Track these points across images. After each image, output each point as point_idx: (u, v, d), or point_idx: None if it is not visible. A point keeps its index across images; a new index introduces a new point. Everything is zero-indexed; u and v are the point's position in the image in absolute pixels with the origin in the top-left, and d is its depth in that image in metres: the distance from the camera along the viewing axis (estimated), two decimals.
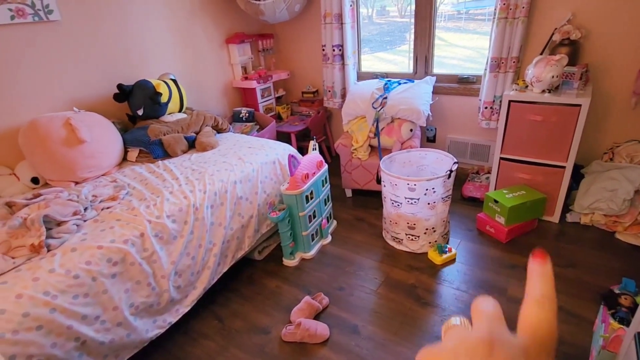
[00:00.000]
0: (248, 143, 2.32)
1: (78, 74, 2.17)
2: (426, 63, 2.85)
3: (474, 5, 2.93)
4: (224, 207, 1.85)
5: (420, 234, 2.08)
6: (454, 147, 2.95)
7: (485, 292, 1.81)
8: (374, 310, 1.78)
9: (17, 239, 1.36)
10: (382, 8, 3.40)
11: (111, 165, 2.09)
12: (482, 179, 2.69)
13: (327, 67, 3.06)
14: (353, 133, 2.65)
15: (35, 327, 1.21)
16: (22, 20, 1.89)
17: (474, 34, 2.96)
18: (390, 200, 2.09)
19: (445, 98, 2.85)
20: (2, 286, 1.22)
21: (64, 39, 2.08)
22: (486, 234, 2.25)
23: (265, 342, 1.66)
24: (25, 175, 1.92)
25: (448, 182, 1.99)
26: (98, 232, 1.49)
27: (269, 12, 2.79)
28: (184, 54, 2.76)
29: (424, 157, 2.32)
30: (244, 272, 2.10)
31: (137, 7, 2.40)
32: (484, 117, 2.56)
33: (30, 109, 2.00)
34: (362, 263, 2.10)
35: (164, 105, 2.31)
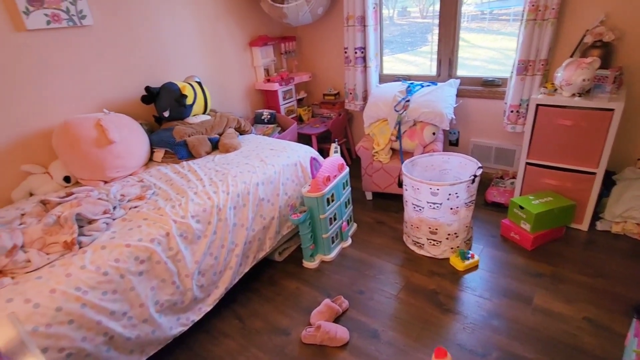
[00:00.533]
0: (270, 145, 2.34)
1: (108, 77, 2.25)
2: (450, 66, 2.81)
3: (498, 6, 2.87)
4: (246, 208, 1.88)
5: (442, 239, 2.05)
6: (477, 151, 2.89)
7: (509, 301, 1.77)
8: (394, 315, 1.76)
9: (51, 235, 1.42)
10: (403, 9, 3.37)
11: (138, 165, 2.15)
12: (506, 184, 2.63)
13: (349, 70, 3.06)
14: (374, 136, 2.63)
15: (67, 321, 1.25)
16: (57, 25, 1.97)
17: (498, 35, 2.90)
18: (411, 204, 2.07)
19: (468, 101, 2.80)
20: (37, 281, 1.28)
21: (96, 43, 2.16)
22: (511, 240, 2.20)
23: (285, 344, 1.67)
24: (58, 174, 2.00)
25: (472, 187, 1.95)
26: (126, 231, 1.54)
27: (292, 15, 2.81)
28: (209, 57, 2.82)
29: (447, 161, 2.28)
30: (264, 273, 2.12)
31: (165, 12, 2.47)
32: (510, 120, 2.50)
33: (63, 111, 2.08)
34: (382, 267, 2.09)
35: (189, 107, 2.36)
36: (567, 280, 1.87)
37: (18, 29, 1.85)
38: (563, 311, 1.69)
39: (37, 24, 1.89)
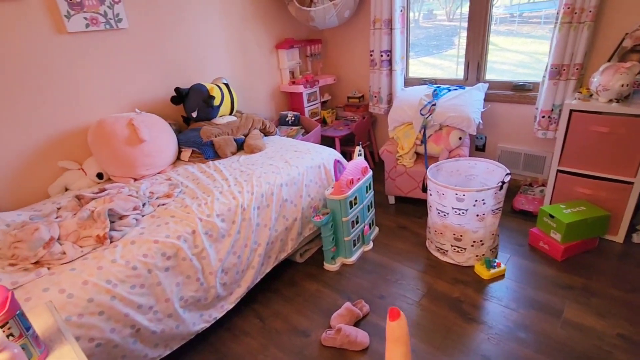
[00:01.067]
0: (294, 147, 2.36)
1: (141, 78, 2.33)
2: (478, 69, 2.75)
3: (528, 8, 2.79)
4: (269, 209, 1.90)
5: (467, 246, 2.01)
6: (505, 156, 2.81)
7: (537, 313, 1.71)
8: (416, 322, 1.73)
9: (85, 229, 1.48)
10: (429, 12, 3.33)
11: (166, 164, 2.21)
12: (535, 192, 2.54)
13: (374, 73, 3.05)
14: (399, 139, 2.61)
15: (98, 312, 1.30)
16: (95, 28, 2.06)
17: (528, 38, 2.82)
18: (436, 209, 2.03)
19: (497, 105, 2.73)
20: (71, 272, 1.33)
21: (130, 45, 2.24)
22: (539, 250, 2.12)
23: (305, 345, 1.67)
24: (92, 170, 2.08)
25: (499, 194, 1.90)
26: (154, 227, 1.59)
27: (319, 18, 2.83)
28: (236, 59, 2.87)
29: (474, 166, 2.23)
30: (285, 274, 2.14)
31: (196, 16, 2.54)
32: (541, 126, 2.42)
33: (98, 110, 2.17)
34: (404, 272, 2.06)
35: (216, 108, 2.41)
36: (600, 293, 1.79)
37: (60, 32, 1.94)
38: (595, 326, 1.62)
39: (77, 27, 1.98)
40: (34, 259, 1.33)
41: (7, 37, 1.79)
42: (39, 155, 1.98)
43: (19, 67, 1.84)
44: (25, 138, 1.92)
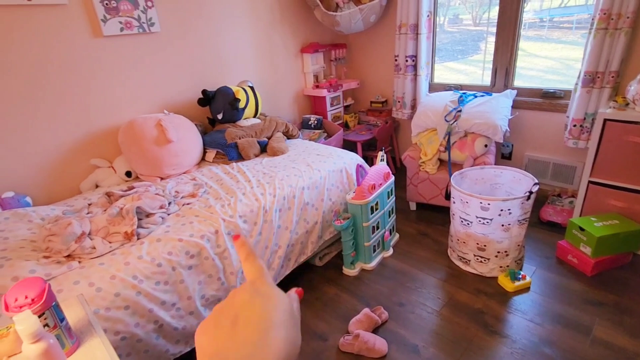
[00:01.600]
0: (317, 150, 2.37)
1: (170, 80, 2.40)
2: (506, 75, 2.69)
3: (560, 13, 2.71)
4: (291, 211, 1.91)
5: (491, 256, 1.96)
6: (532, 165, 2.73)
7: (564, 329, 1.64)
8: (435, 332, 1.70)
9: (114, 225, 1.54)
10: (455, 16, 3.28)
11: (191, 164, 2.26)
12: (564, 203, 2.45)
13: (398, 78, 3.03)
14: (422, 145, 2.58)
15: (124, 306, 1.35)
16: (129, 31, 2.14)
17: (558, 44, 2.73)
18: (459, 217, 1.99)
19: (525, 113, 2.66)
20: (100, 267, 1.38)
21: (161, 48, 2.31)
22: (568, 264, 2.04)
23: (322, 349, 1.67)
24: (121, 169, 2.16)
25: (527, 204, 1.84)
26: (179, 226, 1.62)
27: (345, 23, 2.83)
28: (262, 63, 2.92)
29: (499, 175, 2.18)
30: (304, 277, 2.14)
31: (225, 20, 2.60)
32: (572, 135, 2.34)
33: (129, 110, 2.25)
34: (425, 280, 2.03)
35: (241, 110, 2.45)
36: (633, 312, 1.70)
37: (96, 35, 2.03)
38: (627, 346, 1.54)
39: (112, 30, 2.06)
40: (66, 252, 1.39)
41: (50, 40, 1.88)
42: (73, 153, 2.07)
43: (58, 69, 1.93)
44: (61, 136, 2.01)
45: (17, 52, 1.80)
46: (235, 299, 0.32)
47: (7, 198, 1.79)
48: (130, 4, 2.09)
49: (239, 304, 0.32)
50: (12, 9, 1.75)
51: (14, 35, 1.78)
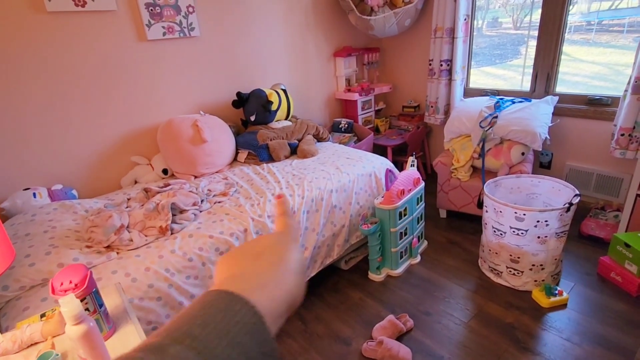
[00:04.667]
0: (346, 154, 2.37)
1: (207, 82, 2.49)
2: (548, 81, 2.57)
3: (609, 16, 2.56)
4: (318, 213, 1.92)
5: (525, 269, 1.87)
6: (574, 176, 2.59)
7: (605, 351, 1.54)
8: (462, 344, 1.65)
9: (150, 220, 1.61)
10: (493, 20, 3.18)
11: (224, 164, 2.33)
12: (608, 217, 2.31)
13: (432, 82, 2.98)
14: (454, 152, 2.51)
15: (156, 297, 1.41)
16: (170, 36, 2.24)
17: (607, 48, 2.58)
18: (492, 227, 1.93)
19: (567, 120, 2.53)
20: (136, 258, 1.45)
21: (200, 52, 2.41)
22: (610, 282, 1.92)
23: (345, 353, 1.66)
24: (159, 166, 2.26)
25: (566, 216, 1.75)
26: (210, 223, 1.68)
27: (379, 27, 2.83)
28: (295, 66, 2.97)
29: (537, 184, 2.08)
30: (329, 280, 2.15)
31: (261, 24, 2.66)
32: (619, 145, 2.20)
33: (168, 110, 2.36)
34: (453, 290, 1.97)
35: (274, 112, 2.50)
36: None
37: (140, 39, 2.15)
38: None
39: (156, 34, 2.17)
40: (106, 243, 1.48)
41: (99, 43, 2.01)
42: (115, 150, 2.19)
43: (105, 70, 2.06)
44: (105, 133, 2.14)
45: (69, 54, 1.94)
46: (261, 240, 0.36)
47: (56, 190, 1.93)
48: (173, 10, 2.20)
49: (264, 244, 0.36)
50: (68, 15, 1.89)
51: (68, 38, 1.92)
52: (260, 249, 0.35)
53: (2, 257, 0.57)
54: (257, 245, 0.36)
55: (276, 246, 0.36)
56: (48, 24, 1.85)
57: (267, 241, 0.36)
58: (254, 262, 0.33)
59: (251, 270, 0.32)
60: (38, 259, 1.37)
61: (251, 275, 0.31)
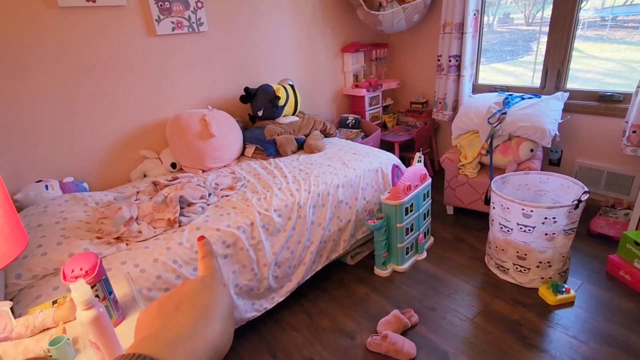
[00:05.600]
0: (353, 149, 2.37)
1: (215, 77, 2.51)
2: (558, 77, 2.54)
3: (624, 11, 2.51)
4: (324, 208, 1.93)
5: (532, 266, 1.86)
6: (583, 173, 2.56)
7: (612, 350, 1.53)
8: (468, 340, 1.65)
9: (158, 212, 1.64)
10: (505, 15, 3.14)
11: (231, 158, 2.35)
12: (618, 215, 2.28)
13: (440, 78, 2.95)
14: (462, 148, 2.50)
15: (164, 288, 1.43)
16: (179, 31, 2.26)
17: (621, 44, 2.53)
18: (499, 224, 1.92)
19: (578, 117, 2.49)
20: (144, 250, 1.48)
21: (208, 47, 2.42)
22: (619, 280, 1.90)
23: (350, 347, 1.67)
24: (167, 160, 2.29)
25: (574, 214, 1.74)
26: (217, 217, 1.70)
27: (387, 22, 2.81)
28: (303, 62, 2.97)
29: (545, 181, 2.07)
30: (334, 274, 2.16)
31: (269, 20, 2.67)
32: (631, 142, 2.16)
33: (176, 105, 2.38)
34: (459, 286, 1.97)
35: (281, 108, 2.51)
36: None
37: (150, 34, 2.17)
38: None
39: (165, 30, 2.19)
40: (116, 235, 1.50)
41: (109, 38, 2.04)
42: (125, 144, 2.22)
43: (115, 65, 2.09)
44: (115, 127, 2.17)
45: (79, 49, 1.97)
46: (183, 288, 0.34)
47: (68, 182, 1.97)
48: (182, 5, 2.21)
49: (186, 292, 0.34)
50: (79, 11, 1.92)
51: (79, 33, 1.95)
52: (181, 299, 0.33)
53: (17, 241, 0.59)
54: (179, 295, 0.34)
55: (198, 293, 0.34)
56: (59, 19, 1.88)
57: (190, 288, 0.34)
58: (171, 317, 0.31)
59: (167, 328, 0.30)
60: (50, 249, 1.40)
61: (166, 333, 0.30)
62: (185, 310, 0.32)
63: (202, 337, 0.30)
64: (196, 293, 0.34)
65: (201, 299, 0.33)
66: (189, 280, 0.36)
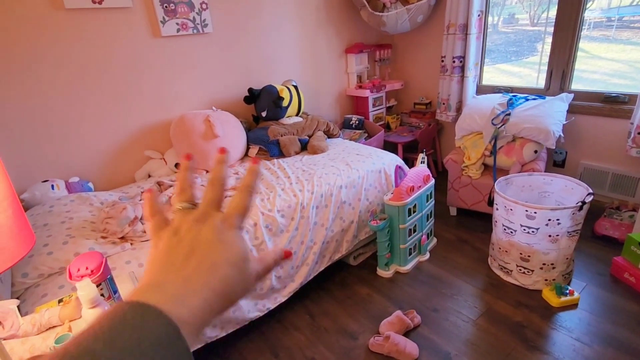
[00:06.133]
0: (356, 150, 2.38)
1: (219, 78, 2.53)
2: (563, 78, 2.53)
3: (631, 12, 2.49)
4: (327, 209, 1.94)
5: (535, 268, 1.86)
6: (588, 175, 2.54)
7: (617, 352, 1.52)
8: (470, 342, 1.65)
9: None
10: (510, 16, 3.13)
11: (235, 159, 2.36)
12: (623, 217, 2.26)
13: (444, 79, 2.95)
14: (466, 149, 2.49)
15: None
16: (184, 32, 2.27)
17: (628, 45, 2.51)
18: (502, 225, 1.91)
19: (582, 118, 2.48)
20: (148, 250, 1.49)
21: (213, 48, 2.44)
22: (623, 282, 1.89)
23: (352, 347, 1.68)
24: (171, 160, 2.30)
25: (578, 215, 1.73)
26: None
27: (391, 23, 2.81)
28: (306, 62, 2.98)
29: (549, 183, 2.06)
30: (337, 275, 2.16)
31: (272, 22, 2.68)
32: (636, 144, 2.15)
33: (180, 106, 2.40)
34: (461, 288, 1.97)
35: (285, 109, 2.52)
36: None
37: (155, 35, 2.19)
38: None
39: (170, 31, 2.21)
40: (121, 234, 1.52)
41: (114, 39, 2.06)
42: (130, 144, 2.24)
43: (120, 66, 2.11)
44: (120, 128, 2.19)
45: (86, 51, 1.99)
46: (199, 235, 0.32)
47: (73, 182, 1.99)
48: (187, 7, 2.23)
49: (201, 240, 0.32)
50: (85, 12, 1.94)
51: (85, 35, 1.97)
52: (192, 250, 0.31)
53: (24, 241, 0.60)
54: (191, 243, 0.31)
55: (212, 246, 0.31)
56: (66, 20, 1.90)
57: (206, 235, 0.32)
58: (179, 269, 0.30)
59: (173, 279, 0.29)
60: (56, 248, 1.41)
61: (172, 285, 0.28)
62: (195, 262, 0.30)
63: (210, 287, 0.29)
64: (207, 246, 0.31)
65: (213, 254, 0.31)
66: (211, 222, 0.33)
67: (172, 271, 0.30)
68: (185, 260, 0.30)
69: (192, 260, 0.30)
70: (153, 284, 0.28)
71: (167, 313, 0.25)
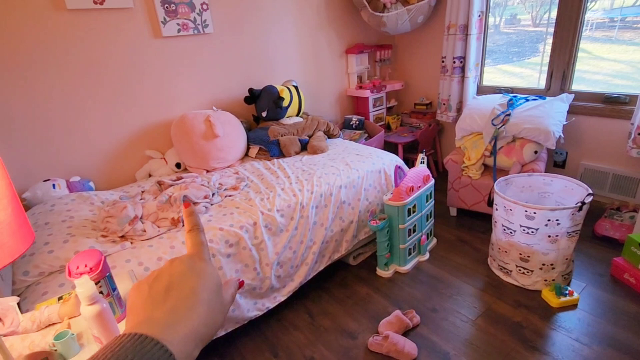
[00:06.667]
0: (356, 150, 2.38)
1: (219, 78, 2.54)
2: (563, 79, 2.53)
3: (633, 12, 2.49)
4: (327, 209, 1.94)
5: (535, 268, 1.86)
6: (589, 176, 2.54)
7: (616, 353, 1.52)
8: (469, 341, 1.65)
9: (163, 212, 1.66)
10: (512, 16, 3.13)
11: (235, 159, 2.37)
12: (624, 218, 2.26)
13: (444, 80, 2.95)
14: (466, 149, 2.50)
15: None
16: (185, 32, 2.29)
17: (630, 45, 2.51)
18: (501, 225, 1.91)
19: (583, 119, 2.48)
20: (149, 248, 1.50)
21: (213, 48, 2.45)
22: (623, 283, 1.89)
23: (351, 347, 1.68)
24: (172, 160, 2.31)
25: (578, 215, 1.73)
26: (221, 216, 1.72)
27: (391, 24, 2.82)
28: (307, 63, 2.99)
29: (549, 183, 2.06)
30: (337, 275, 2.16)
31: (273, 22, 2.69)
32: (636, 144, 2.15)
33: (181, 106, 2.41)
34: (461, 288, 1.97)
35: (285, 109, 2.53)
36: None
37: (156, 36, 2.20)
38: None
39: (170, 31, 2.22)
40: (121, 233, 1.53)
41: (115, 39, 2.07)
42: (130, 144, 2.25)
43: (121, 66, 2.12)
44: (121, 128, 2.20)
45: (87, 51, 2.00)
46: (172, 268, 0.35)
47: (74, 182, 2.00)
48: (188, 7, 2.24)
49: (175, 274, 0.35)
50: (87, 13, 1.95)
51: (86, 35, 1.98)
52: (170, 283, 0.34)
53: (23, 238, 0.61)
54: (169, 277, 0.35)
55: (185, 278, 0.34)
56: (68, 21, 1.91)
57: (178, 271, 0.35)
58: (162, 303, 0.33)
59: (159, 313, 0.32)
60: (56, 247, 1.42)
61: (161, 318, 0.31)
62: (175, 294, 0.33)
63: (194, 318, 0.32)
64: (183, 277, 0.34)
65: (189, 283, 0.34)
66: (178, 259, 0.36)
67: (156, 307, 0.32)
68: (165, 294, 0.33)
69: (172, 292, 0.33)
70: (143, 320, 0.31)
71: (162, 341, 0.28)
